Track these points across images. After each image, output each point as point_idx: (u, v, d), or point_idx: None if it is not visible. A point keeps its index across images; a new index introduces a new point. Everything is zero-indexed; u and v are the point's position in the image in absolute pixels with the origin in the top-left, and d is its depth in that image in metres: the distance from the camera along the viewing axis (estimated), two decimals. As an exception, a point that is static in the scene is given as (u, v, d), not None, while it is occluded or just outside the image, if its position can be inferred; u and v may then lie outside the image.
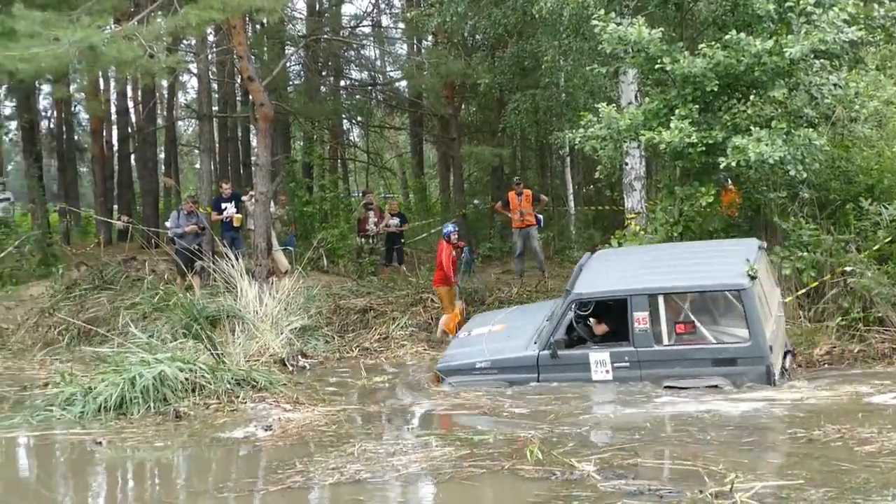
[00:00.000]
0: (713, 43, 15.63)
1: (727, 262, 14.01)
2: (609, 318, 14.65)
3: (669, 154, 16.10)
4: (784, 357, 14.36)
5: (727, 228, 17.25)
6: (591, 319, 14.89)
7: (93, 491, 11.05)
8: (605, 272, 15.11)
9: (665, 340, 13.84)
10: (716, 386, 13.43)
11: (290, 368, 16.45)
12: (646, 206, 19.57)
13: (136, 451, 11.94)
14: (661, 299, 13.84)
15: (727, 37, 15.35)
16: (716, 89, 15.59)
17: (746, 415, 12.16)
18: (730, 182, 17.32)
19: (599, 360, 14.15)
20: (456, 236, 19.96)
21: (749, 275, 13.47)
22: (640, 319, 13.85)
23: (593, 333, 14.85)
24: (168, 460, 11.75)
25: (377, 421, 13.05)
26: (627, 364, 14.00)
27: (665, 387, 13.69)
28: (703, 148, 15.42)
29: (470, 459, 10.47)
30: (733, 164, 15.03)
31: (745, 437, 11.09)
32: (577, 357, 14.36)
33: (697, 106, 15.77)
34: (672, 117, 15.61)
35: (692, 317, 13.82)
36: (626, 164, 19.81)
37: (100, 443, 12.10)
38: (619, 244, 17.52)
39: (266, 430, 12.26)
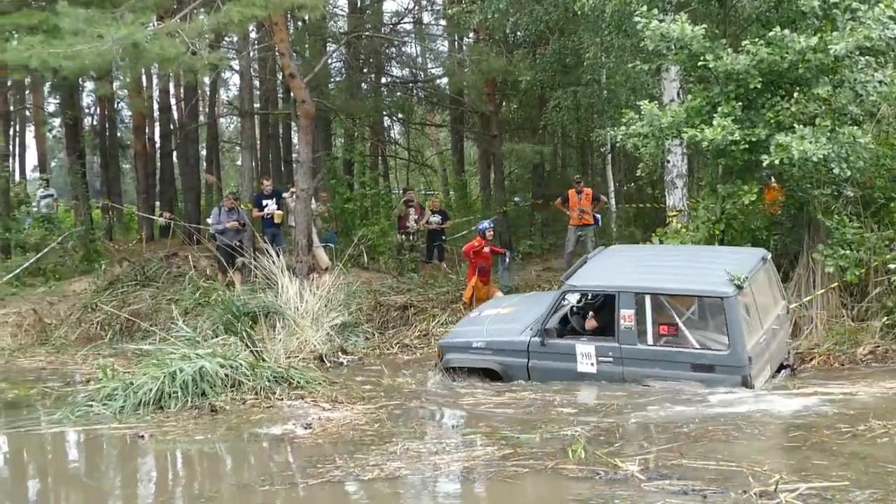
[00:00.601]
0: (757, 40, 15.53)
1: (723, 269, 13.95)
2: (602, 312, 14.91)
3: (712, 152, 15.99)
4: (778, 370, 14.59)
5: (770, 226, 17.18)
6: (590, 312, 15.22)
7: (139, 484, 11.10)
8: (604, 267, 15.46)
9: (649, 340, 14.06)
10: None
11: (329, 365, 16.46)
12: (687, 204, 19.48)
13: (178, 444, 12.01)
14: (647, 299, 14.07)
15: (771, 33, 15.25)
16: (759, 86, 15.48)
17: (797, 412, 12.08)
18: (773, 180, 17.23)
19: (585, 352, 14.49)
20: (491, 233, 20.04)
21: (735, 284, 13.53)
22: (626, 317, 14.13)
23: (584, 328, 15.24)
24: (209, 454, 11.79)
25: (419, 419, 13.01)
26: (611, 359, 14.30)
27: (644, 386, 13.96)
28: (746, 145, 15.31)
29: (513, 458, 10.44)
30: (776, 161, 14.93)
31: (792, 435, 11.01)
32: (564, 347, 14.73)
33: (740, 103, 15.66)
34: (715, 115, 15.51)
35: (676, 319, 13.99)
36: (668, 161, 19.72)
37: (142, 437, 12.16)
38: (661, 242, 17.47)
39: (306, 427, 12.25)
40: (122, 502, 10.29)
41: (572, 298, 15.45)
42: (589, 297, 15.50)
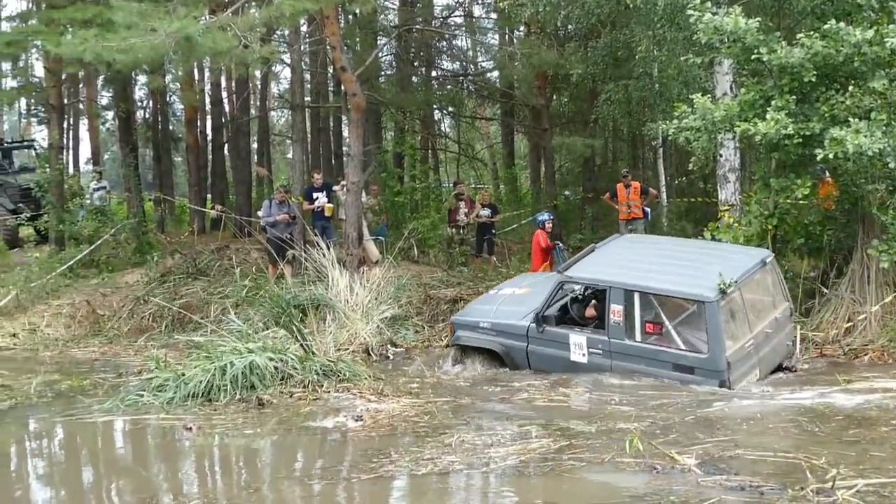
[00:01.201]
0: (811, 33, 15.34)
1: (717, 270, 14.09)
2: (600, 304, 15.14)
3: (765, 146, 15.85)
4: (778, 371, 14.78)
5: (823, 221, 17.01)
6: (592, 301, 15.52)
7: (191, 475, 11.20)
8: (605, 259, 15.76)
9: (636, 336, 14.39)
10: None
11: (375, 358, 16.48)
12: (740, 199, 19.33)
13: (227, 437, 12.07)
14: (636, 296, 14.39)
15: (826, 26, 15.06)
16: (814, 80, 15.29)
17: (859, 406, 11.99)
18: (827, 174, 17.08)
19: (578, 342, 14.98)
20: (550, 224, 20.09)
21: (720, 289, 13.71)
22: (615, 312, 14.52)
23: (584, 316, 15.54)
24: (259, 447, 11.86)
25: (472, 412, 12.96)
26: (600, 352, 14.73)
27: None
28: (800, 139, 15.14)
29: (569, 451, 10.44)
30: (831, 155, 14.75)
31: (852, 430, 10.91)
32: (559, 335, 15.20)
33: (794, 97, 15.48)
34: (768, 108, 15.35)
35: (663, 318, 14.24)
36: (721, 155, 19.57)
37: (189, 428, 12.25)
38: (712, 237, 17.38)
39: (357, 420, 12.27)
40: (173, 493, 10.32)
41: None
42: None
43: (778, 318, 15.06)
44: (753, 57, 15.56)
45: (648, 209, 23.22)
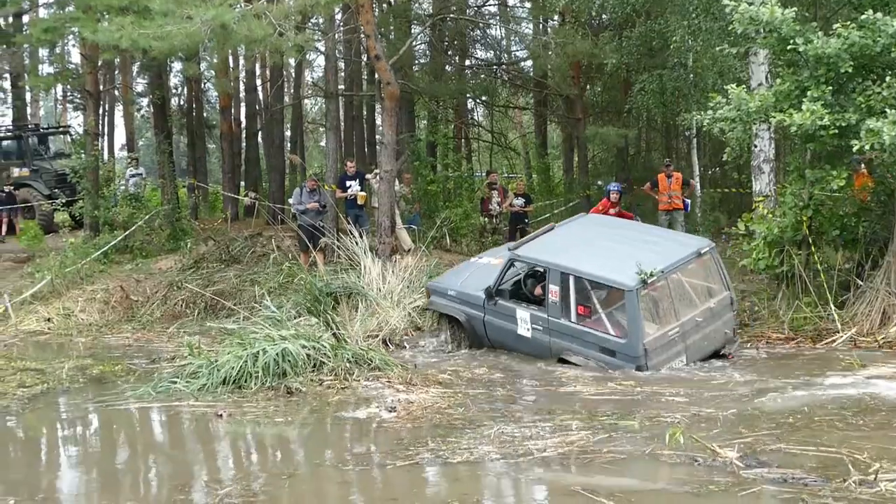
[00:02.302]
0: (848, 23, 15.21)
1: (649, 257, 14.71)
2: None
3: (800, 136, 15.73)
4: (708, 357, 15.17)
5: (859, 213, 16.90)
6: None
7: (224, 462, 11.23)
8: (555, 240, 16.51)
9: (571, 317, 15.03)
10: None
11: (391, 348, 16.48)
12: (775, 190, 19.24)
13: (260, 425, 12.10)
14: (571, 279, 15.01)
15: (863, 17, 14.93)
16: (850, 70, 15.15)
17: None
18: (862, 166, 16.96)
19: (523, 317, 15.72)
20: (616, 196, 21.04)
21: (641, 278, 14.24)
22: (553, 292, 15.24)
23: (533, 293, 16.10)
24: (292, 435, 11.89)
25: (511, 404, 12.90)
26: (541, 328, 15.45)
27: (559, 360, 15.15)
28: (836, 130, 15.01)
29: (609, 444, 10.42)
30: (867, 147, 14.63)
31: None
32: (509, 309, 15.96)
33: (830, 87, 15.35)
34: (804, 99, 15.23)
35: (593, 301, 14.94)
36: (755, 146, 19.49)
37: (220, 415, 12.29)
38: (746, 228, 17.32)
39: (390, 411, 12.26)
40: (210, 479, 10.37)
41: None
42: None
43: (713, 307, 15.37)
44: (789, 47, 15.44)
45: (689, 201, 23.10)
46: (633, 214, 21.83)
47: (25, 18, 36.33)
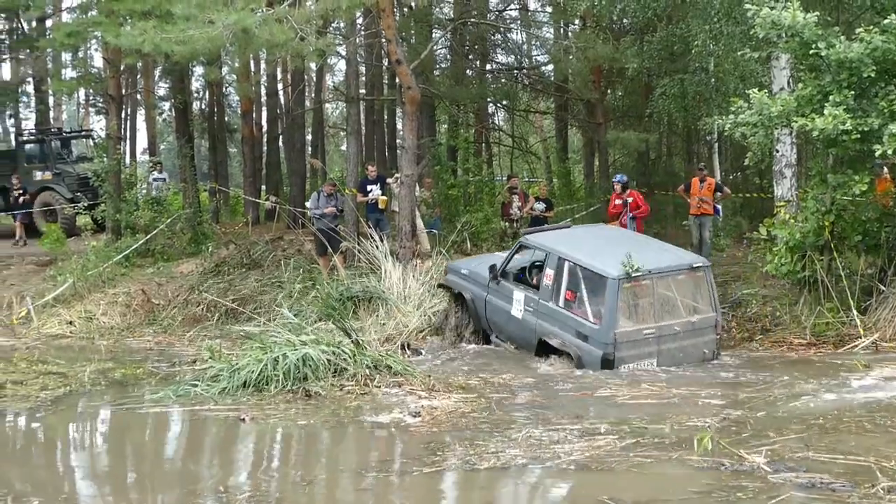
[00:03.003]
0: (871, 27, 15.17)
1: (642, 257, 15.13)
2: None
3: (822, 141, 15.69)
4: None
5: (881, 218, 16.83)
6: None
7: (253, 465, 11.21)
8: (566, 233, 17.49)
9: (560, 301, 15.54)
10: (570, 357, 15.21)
11: (408, 353, 16.47)
12: (797, 195, 19.18)
13: (284, 429, 12.09)
14: (566, 265, 15.52)
15: (886, 21, 14.89)
16: (873, 75, 15.10)
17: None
18: (885, 170, 16.89)
19: (518, 298, 16.34)
20: (618, 186, 21.95)
21: (625, 270, 14.70)
22: (548, 275, 15.85)
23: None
24: (317, 440, 11.82)
25: (539, 409, 12.78)
26: (532, 310, 16.01)
27: (539, 341, 15.71)
28: (858, 135, 14.96)
29: (637, 448, 10.37)
30: (889, 151, 14.59)
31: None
32: (508, 290, 16.64)
33: (853, 92, 15.30)
34: (826, 104, 15.18)
35: (581, 288, 15.28)
36: (777, 151, 19.43)
37: (243, 419, 12.29)
38: (768, 233, 17.28)
39: (414, 416, 12.21)
40: (243, 484, 10.39)
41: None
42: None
43: (694, 321, 15.47)
44: (811, 52, 15.39)
45: (720, 206, 23.00)
46: (642, 197, 22.34)
47: (49, 23, 36.55)
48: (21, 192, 30.36)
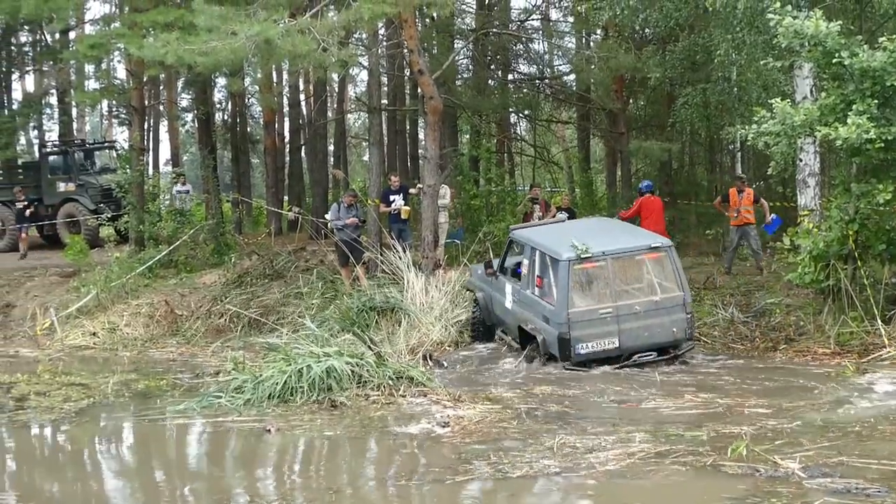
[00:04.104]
0: (894, 36, 15.11)
1: (600, 240, 15.89)
2: None
3: (846, 150, 15.61)
4: (653, 351, 15.80)
5: (905, 226, 16.74)
6: None
7: (284, 476, 11.26)
8: (551, 227, 18.22)
9: (533, 288, 16.20)
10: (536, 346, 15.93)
11: (430, 364, 16.46)
12: (820, 204, 19.09)
13: (311, 440, 12.09)
14: (537, 252, 16.20)
15: (909, 29, 14.85)
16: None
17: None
18: (909, 179, 16.79)
19: (510, 290, 17.06)
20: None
21: (576, 253, 15.29)
22: (525, 265, 16.65)
23: None
24: (346, 450, 11.77)
25: (573, 418, 12.71)
26: (517, 300, 16.75)
27: (519, 328, 16.57)
28: (882, 144, 14.90)
29: (672, 456, 10.37)
30: (914, 160, 14.54)
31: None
32: (503, 284, 17.34)
33: (876, 101, 15.22)
34: (849, 112, 15.11)
35: (549, 274, 15.77)
36: (800, 160, 19.35)
37: (269, 430, 12.31)
38: (792, 242, 17.20)
39: (443, 426, 12.19)
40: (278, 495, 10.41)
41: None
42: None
43: (657, 300, 15.81)
44: (834, 61, 15.33)
45: (775, 216, 22.74)
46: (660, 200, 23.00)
47: (72, 35, 36.74)
48: (25, 204, 30.41)
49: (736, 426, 11.54)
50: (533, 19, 34.13)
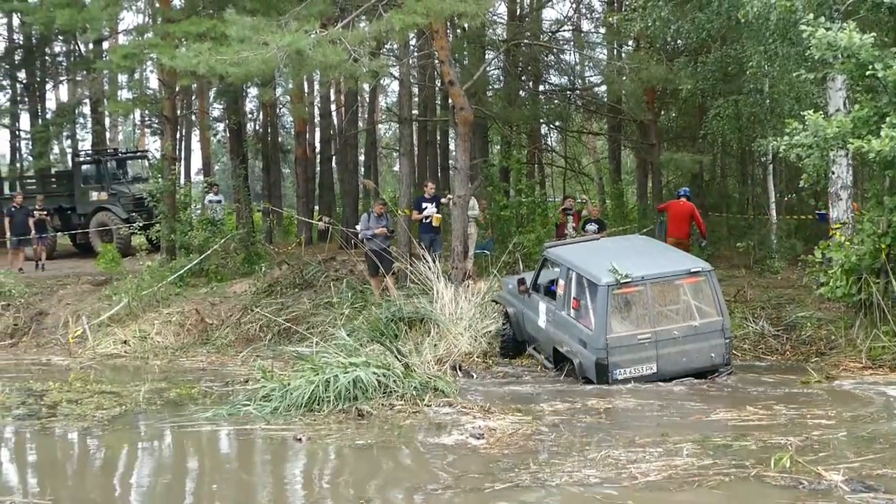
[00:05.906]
0: (929, 48, 15.04)
1: (639, 263, 15.70)
2: None
3: (879, 163, 15.52)
4: (691, 375, 15.59)
5: (939, 241, 16.61)
6: None
7: (319, 485, 11.23)
8: (587, 245, 17.79)
9: (569, 310, 16.01)
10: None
11: (460, 375, 16.44)
12: (853, 217, 18.99)
13: (343, 449, 12.04)
14: (573, 274, 15.99)
15: (944, 42, 14.75)
16: (930, 96, 14.98)
17: None
18: (943, 193, 16.67)
19: (544, 309, 16.91)
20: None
21: (615, 277, 15.07)
22: (561, 286, 16.41)
23: None
24: (382, 460, 11.66)
25: (615, 428, 12.56)
26: (551, 320, 16.60)
27: (553, 349, 16.46)
28: (916, 157, 14.83)
29: (715, 467, 10.28)
30: (947, 174, 14.44)
31: None
32: (536, 301, 17.21)
33: (911, 113, 15.17)
34: (882, 125, 15.00)
35: (586, 295, 15.60)
36: (833, 172, 19.23)
37: (299, 439, 12.30)
38: (823, 255, 17.10)
39: (478, 437, 12.12)
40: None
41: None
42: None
43: (696, 325, 15.64)
44: (868, 73, 15.23)
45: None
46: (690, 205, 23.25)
47: (105, 45, 37.03)
48: (44, 213, 30.52)
49: (782, 437, 11.43)
50: (564, 30, 34.21)
